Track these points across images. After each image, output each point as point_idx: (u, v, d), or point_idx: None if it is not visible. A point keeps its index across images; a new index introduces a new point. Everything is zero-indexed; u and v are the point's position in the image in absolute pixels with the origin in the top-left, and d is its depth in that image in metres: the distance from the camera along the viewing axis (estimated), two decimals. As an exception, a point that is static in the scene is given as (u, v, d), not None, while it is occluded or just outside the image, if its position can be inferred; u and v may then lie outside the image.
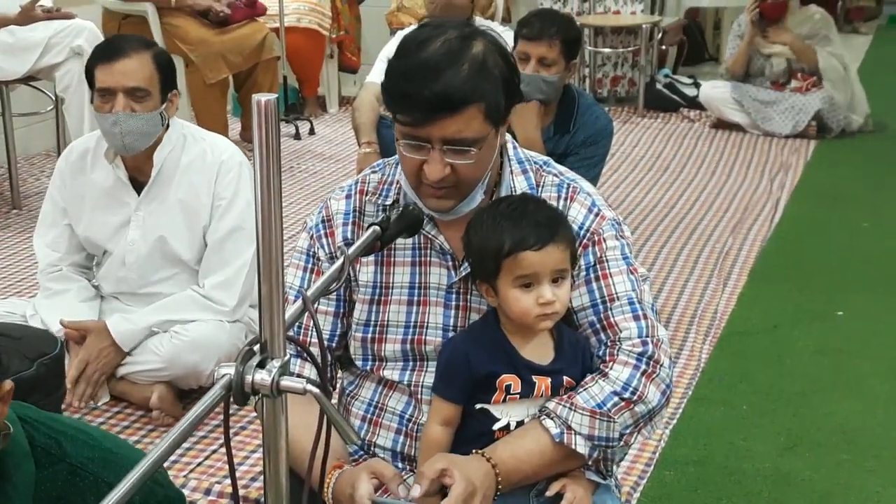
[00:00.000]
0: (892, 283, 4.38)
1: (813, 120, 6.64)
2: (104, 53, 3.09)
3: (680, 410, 3.28)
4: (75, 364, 3.12)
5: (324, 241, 1.96)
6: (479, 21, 4.83)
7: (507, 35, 4.48)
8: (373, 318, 1.93)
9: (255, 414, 3.14)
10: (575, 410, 1.80)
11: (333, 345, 1.97)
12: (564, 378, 1.84)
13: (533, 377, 1.82)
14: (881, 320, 4.00)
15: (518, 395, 1.82)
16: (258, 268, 1.24)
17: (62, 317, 3.17)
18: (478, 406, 1.83)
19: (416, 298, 1.91)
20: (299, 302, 1.40)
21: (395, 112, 1.78)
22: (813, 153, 6.40)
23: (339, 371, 2.06)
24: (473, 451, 1.79)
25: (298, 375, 1.86)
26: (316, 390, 1.25)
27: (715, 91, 6.95)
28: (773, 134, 6.69)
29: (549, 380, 1.83)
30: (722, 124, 6.92)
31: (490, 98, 1.75)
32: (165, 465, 1.67)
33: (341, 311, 1.96)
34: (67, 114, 4.91)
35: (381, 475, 1.78)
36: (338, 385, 2.08)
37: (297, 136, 6.62)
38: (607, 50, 7.65)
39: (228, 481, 2.79)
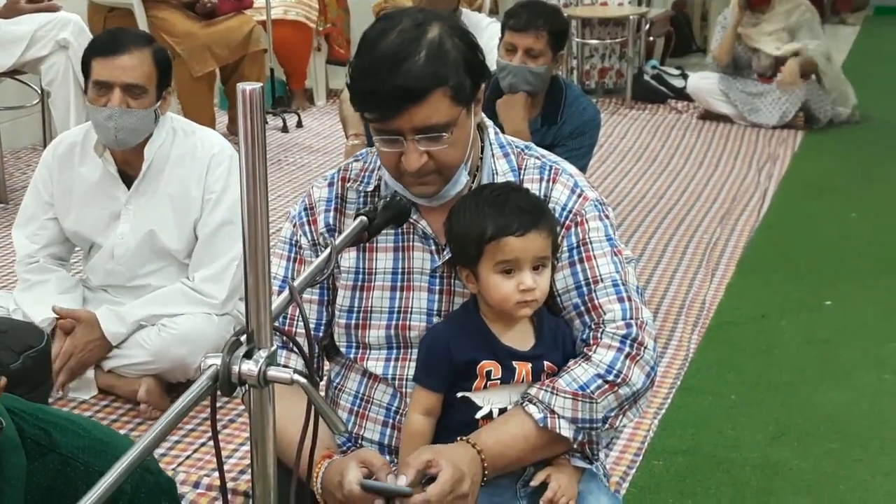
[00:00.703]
0: (879, 273, 4.39)
1: (800, 111, 6.65)
2: (105, 46, 3.06)
3: (668, 400, 3.28)
4: (61, 355, 3.10)
5: (306, 228, 1.95)
6: (467, 13, 4.84)
7: (493, 27, 4.48)
8: (356, 305, 1.92)
9: (243, 407, 3.14)
10: (557, 394, 1.80)
11: (320, 334, 1.96)
12: (545, 363, 1.83)
13: (513, 363, 1.82)
14: (869, 310, 4.01)
15: (499, 381, 1.82)
16: (244, 259, 1.23)
17: (44, 308, 3.14)
18: (459, 394, 1.82)
19: (399, 284, 1.90)
20: (285, 292, 1.40)
21: (363, 110, 1.78)
22: (800, 144, 6.41)
23: (327, 363, 2.05)
24: (458, 438, 1.79)
25: (285, 366, 1.85)
26: (303, 380, 1.24)
27: (702, 82, 6.96)
28: (761, 125, 6.70)
29: (529, 365, 1.82)
30: (709, 115, 6.93)
31: (453, 80, 1.74)
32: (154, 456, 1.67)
33: (326, 298, 1.95)
34: (53, 107, 4.90)
35: (369, 464, 1.77)
36: (325, 377, 2.07)
37: (284, 129, 6.60)
38: (595, 41, 7.65)
39: (217, 474, 2.79)
